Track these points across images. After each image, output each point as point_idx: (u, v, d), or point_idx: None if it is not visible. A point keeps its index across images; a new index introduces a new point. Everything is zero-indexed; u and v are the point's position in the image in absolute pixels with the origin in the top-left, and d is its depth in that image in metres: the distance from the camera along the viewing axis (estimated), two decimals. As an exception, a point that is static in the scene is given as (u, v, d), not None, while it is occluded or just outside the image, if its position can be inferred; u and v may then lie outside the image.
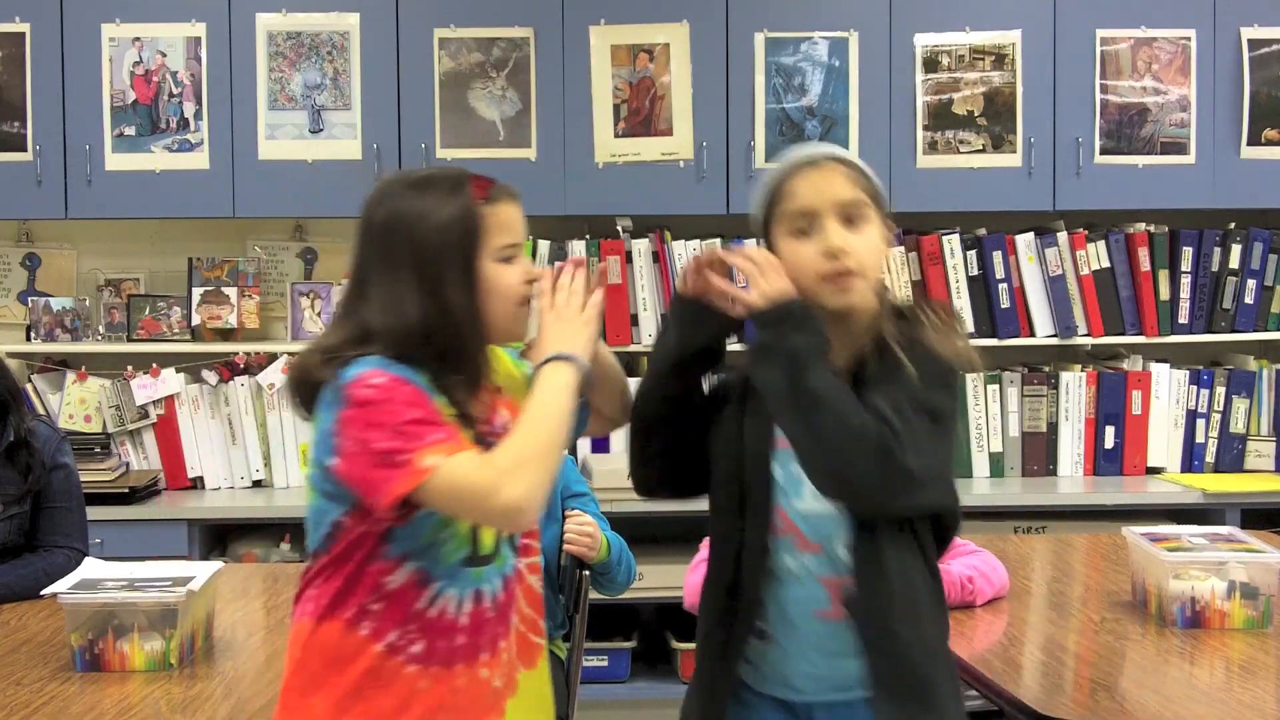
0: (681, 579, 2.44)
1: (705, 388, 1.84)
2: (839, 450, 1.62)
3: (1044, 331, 4.00)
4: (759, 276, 1.70)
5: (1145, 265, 3.99)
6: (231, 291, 4.05)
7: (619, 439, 3.92)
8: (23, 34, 3.84)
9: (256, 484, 3.92)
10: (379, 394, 1.59)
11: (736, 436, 1.77)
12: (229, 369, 3.99)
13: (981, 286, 3.98)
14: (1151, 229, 4.01)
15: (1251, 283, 4.02)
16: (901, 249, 3.93)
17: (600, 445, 3.93)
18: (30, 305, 4.06)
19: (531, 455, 1.61)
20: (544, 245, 3.93)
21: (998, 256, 3.98)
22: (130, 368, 3.99)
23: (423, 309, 1.65)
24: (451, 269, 1.66)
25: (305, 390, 1.67)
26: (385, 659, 1.65)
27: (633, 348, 3.95)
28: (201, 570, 2.25)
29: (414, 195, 1.69)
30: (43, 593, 2.24)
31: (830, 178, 1.75)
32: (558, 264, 1.77)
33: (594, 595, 2.81)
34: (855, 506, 1.68)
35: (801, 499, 1.73)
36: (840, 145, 3.83)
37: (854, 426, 1.61)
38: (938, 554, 1.75)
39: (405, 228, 1.67)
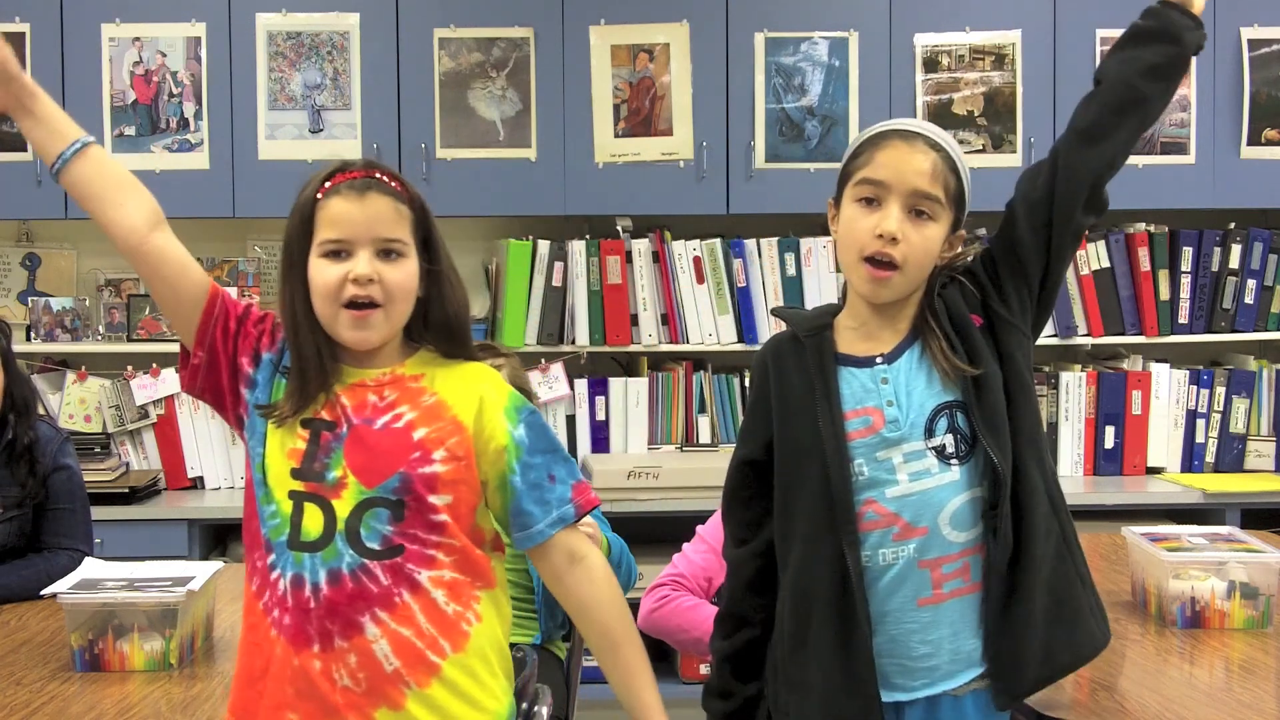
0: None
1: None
2: None
3: (1044, 331, 3.98)
4: None
5: (1145, 265, 3.99)
6: (231, 291, 4.04)
7: (619, 440, 3.93)
8: (23, 34, 3.84)
9: (256, 484, 3.92)
10: None
11: (813, 436, 1.72)
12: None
13: (981, 286, 3.98)
14: (1151, 229, 4.01)
15: (1251, 283, 4.02)
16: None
17: (600, 445, 3.93)
18: (30, 305, 4.06)
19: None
20: (544, 245, 3.93)
21: (998, 256, 3.97)
22: (130, 368, 3.99)
23: (278, 302, 1.73)
24: (285, 264, 1.71)
25: None
26: (261, 618, 1.68)
27: (633, 348, 3.95)
28: (201, 570, 2.25)
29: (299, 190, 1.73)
30: (43, 593, 2.24)
31: (916, 159, 1.72)
32: None
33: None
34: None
35: (896, 485, 1.71)
36: (840, 146, 3.86)
37: None
38: None
39: None
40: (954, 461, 1.70)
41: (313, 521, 1.65)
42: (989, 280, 1.77)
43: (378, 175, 1.69)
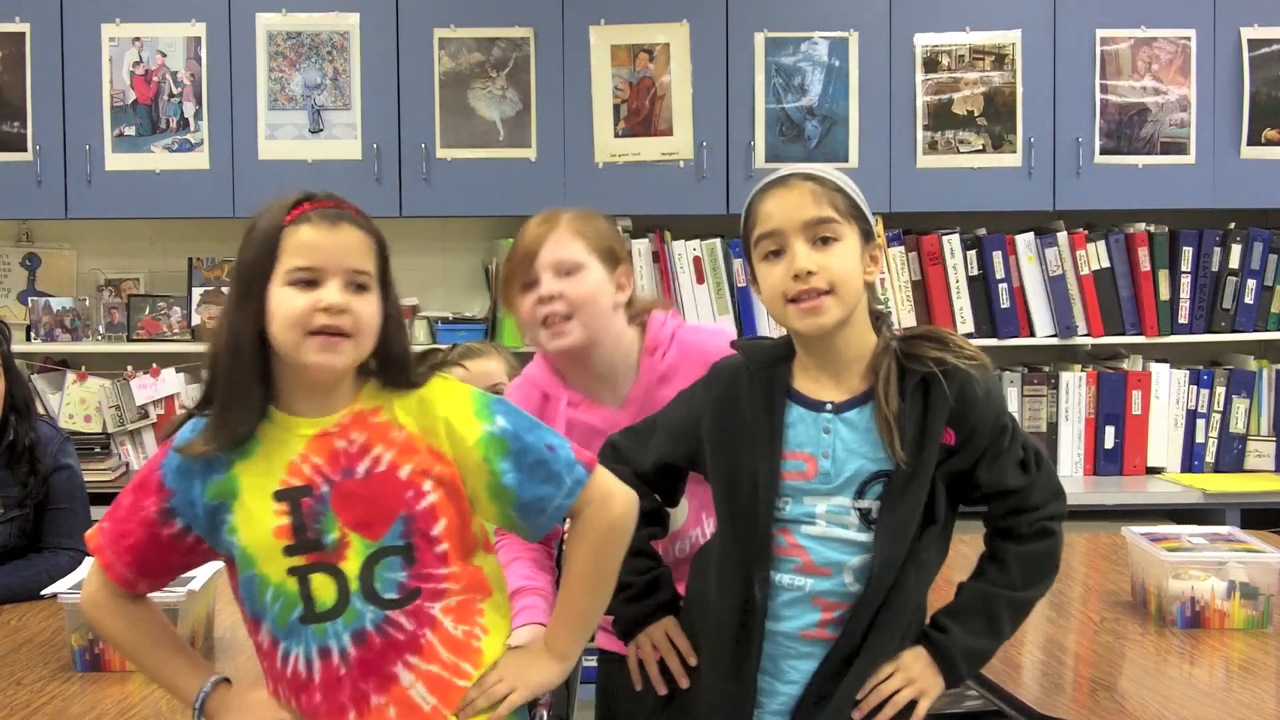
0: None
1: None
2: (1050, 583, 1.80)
3: (1044, 331, 4.00)
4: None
5: (1145, 265, 3.99)
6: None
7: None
8: (23, 34, 3.85)
9: (256, 484, 3.92)
10: None
11: (749, 470, 1.73)
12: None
13: (981, 286, 3.98)
14: (1151, 229, 4.01)
15: (1251, 283, 4.02)
16: (901, 248, 3.93)
17: (600, 445, 3.93)
18: (30, 305, 4.06)
19: (96, 587, 1.70)
20: (544, 245, 3.93)
21: (998, 256, 3.98)
22: (130, 368, 3.99)
23: (216, 332, 1.63)
24: (240, 290, 1.61)
25: None
26: (286, 701, 1.65)
27: (633, 348, 3.95)
28: (201, 570, 2.23)
29: (253, 215, 1.66)
30: (43, 593, 2.24)
31: (796, 197, 1.71)
32: None
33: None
34: None
35: (813, 525, 1.72)
36: (840, 146, 3.86)
37: (1048, 576, 1.78)
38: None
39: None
40: (873, 526, 1.71)
41: (324, 590, 1.59)
42: (965, 446, 1.73)
43: (347, 207, 1.64)
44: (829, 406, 1.73)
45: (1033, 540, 1.76)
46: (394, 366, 1.65)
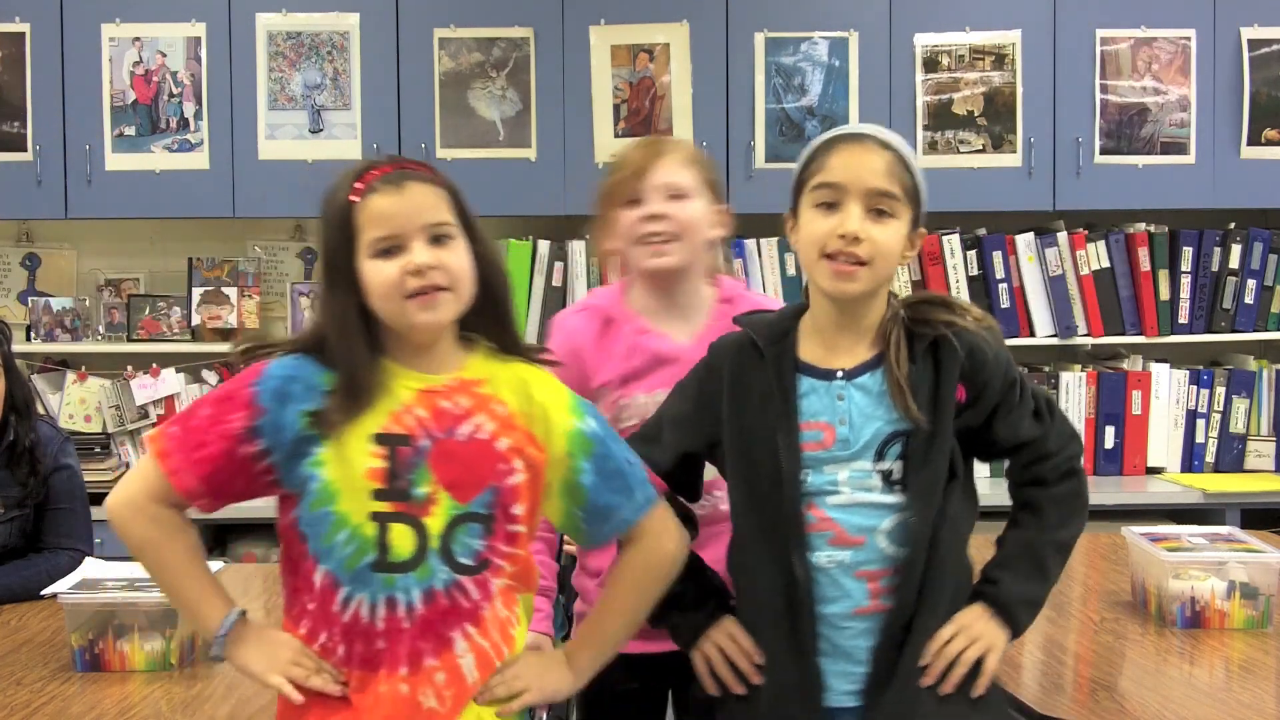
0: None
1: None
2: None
3: (1044, 331, 4.00)
4: None
5: (1145, 265, 3.99)
6: (231, 291, 4.05)
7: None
8: (23, 34, 3.85)
9: (256, 484, 3.92)
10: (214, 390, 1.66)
11: (769, 446, 1.73)
12: (229, 369, 3.99)
13: (981, 286, 3.98)
14: (1151, 229, 4.01)
15: (1251, 283, 4.02)
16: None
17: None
18: (30, 305, 4.07)
19: (142, 490, 1.62)
20: (544, 245, 3.93)
21: (998, 256, 3.98)
22: (130, 368, 3.99)
23: (319, 312, 1.64)
24: (331, 271, 1.62)
25: None
26: (323, 658, 1.62)
27: (633, 348, 3.95)
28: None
29: (322, 196, 1.67)
30: (43, 593, 2.24)
31: (869, 161, 1.71)
32: None
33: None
34: None
35: (838, 495, 1.72)
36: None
37: (1080, 515, 1.81)
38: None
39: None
40: (898, 487, 1.71)
41: (403, 541, 1.58)
42: (977, 402, 1.76)
43: (409, 165, 1.66)
44: (840, 374, 1.74)
45: (1059, 483, 1.80)
46: (494, 315, 1.67)
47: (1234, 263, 4.01)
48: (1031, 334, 3.99)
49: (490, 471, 1.62)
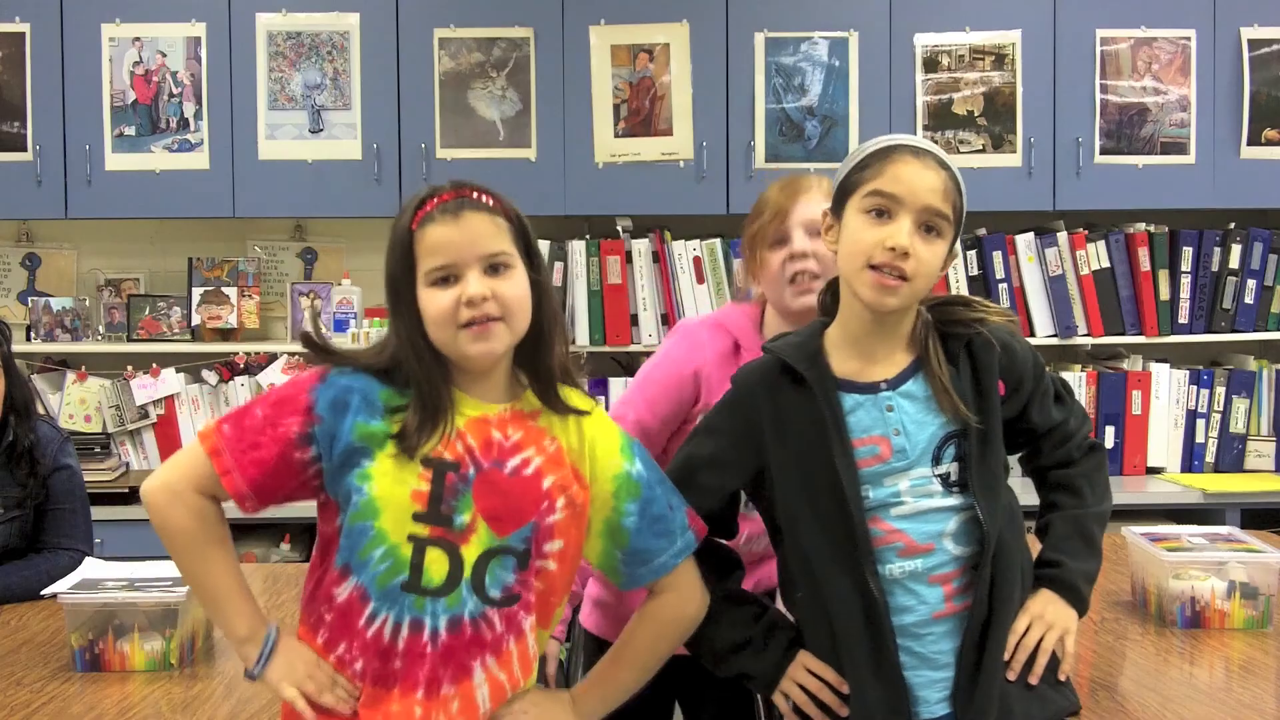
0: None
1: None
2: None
3: (1044, 331, 4.00)
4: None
5: (1145, 265, 3.99)
6: (231, 291, 4.05)
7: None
8: (23, 34, 3.85)
9: (256, 484, 3.92)
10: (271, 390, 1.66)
11: (827, 468, 1.71)
12: (229, 369, 3.99)
13: (981, 286, 3.98)
14: (1151, 229, 4.01)
15: (1251, 283, 4.02)
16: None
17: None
18: (30, 305, 4.07)
19: (184, 478, 1.62)
20: (544, 245, 3.93)
21: (998, 256, 3.98)
22: (130, 368, 3.99)
23: (391, 333, 1.65)
24: (394, 298, 1.64)
25: None
26: (337, 669, 1.62)
27: (633, 348, 3.95)
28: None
29: (394, 223, 1.67)
30: (43, 593, 2.24)
31: (928, 179, 1.70)
32: None
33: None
34: None
35: (902, 505, 1.71)
36: (840, 146, 3.86)
37: (1109, 488, 1.88)
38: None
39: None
40: (956, 488, 1.72)
41: (436, 567, 1.58)
42: (1015, 394, 1.79)
43: (469, 193, 1.65)
44: (884, 385, 1.74)
45: (1086, 459, 1.85)
46: (536, 353, 1.66)
47: (1234, 263, 4.01)
48: (1031, 334, 3.99)
49: (532, 508, 1.62)
